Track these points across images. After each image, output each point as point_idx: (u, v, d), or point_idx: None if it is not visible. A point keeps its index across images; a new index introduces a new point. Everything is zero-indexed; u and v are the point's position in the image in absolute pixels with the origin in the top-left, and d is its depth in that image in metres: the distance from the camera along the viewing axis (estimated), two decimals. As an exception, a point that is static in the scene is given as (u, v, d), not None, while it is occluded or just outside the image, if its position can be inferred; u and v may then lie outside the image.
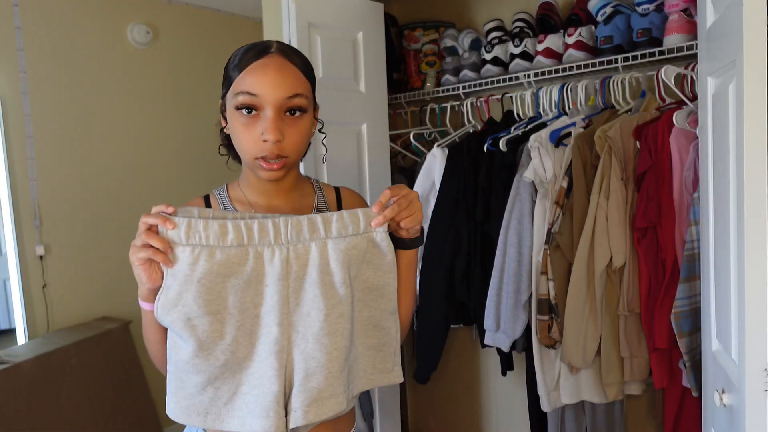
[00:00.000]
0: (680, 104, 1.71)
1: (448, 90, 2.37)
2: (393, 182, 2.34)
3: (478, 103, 2.27)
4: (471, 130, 2.26)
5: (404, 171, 2.52)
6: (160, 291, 0.85)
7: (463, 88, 2.32)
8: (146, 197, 2.88)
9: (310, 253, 0.87)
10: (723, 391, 1.13)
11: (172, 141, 2.98)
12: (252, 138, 0.92)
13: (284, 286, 0.87)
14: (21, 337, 2.51)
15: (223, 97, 0.99)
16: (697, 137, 1.50)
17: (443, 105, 2.37)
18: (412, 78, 2.58)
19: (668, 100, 1.80)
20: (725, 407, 1.13)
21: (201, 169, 3.09)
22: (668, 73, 1.68)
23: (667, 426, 1.72)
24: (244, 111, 0.92)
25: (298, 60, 0.97)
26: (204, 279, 0.84)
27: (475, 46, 2.35)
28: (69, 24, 2.60)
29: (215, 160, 3.48)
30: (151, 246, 0.82)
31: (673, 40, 1.75)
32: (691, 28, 1.72)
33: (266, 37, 2.13)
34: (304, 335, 0.87)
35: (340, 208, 1.10)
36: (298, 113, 0.94)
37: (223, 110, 1.01)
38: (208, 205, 1.04)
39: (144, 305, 0.91)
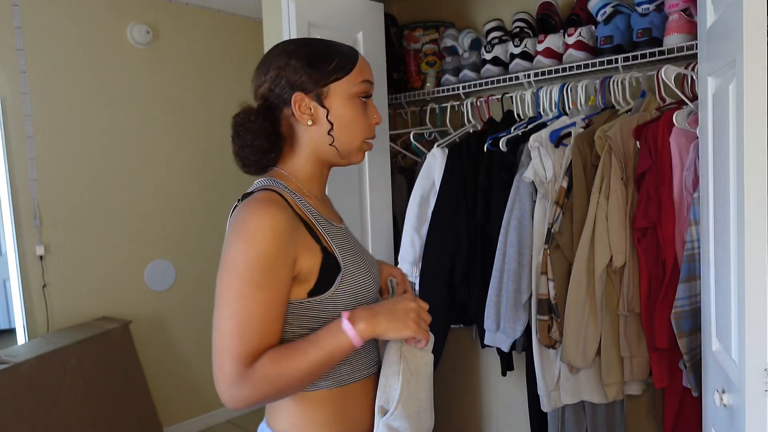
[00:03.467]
0: (680, 104, 1.71)
1: (448, 90, 2.37)
2: (393, 182, 2.34)
3: (478, 103, 2.27)
4: (471, 130, 2.26)
5: (404, 171, 2.52)
6: (400, 384, 0.98)
7: (463, 88, 2.32)
8: (146, 197, 2.88)
9: None
10: (723, 391, 1.13)
11: (171, 140, 2.98)
12: (367, 121, 1.06)
13: None
14: (21, 337, 2.51)
15: (317, 89, 1.01)
16: (697, 137, 1.50)
17: (443, 105, 2.37)
18: (412, 78, 2.57)
19: (668, 100, 1.80)
20: (725, 407, 1.13)
21: (200, 169, 3.09)
22: (668, 73, 1.68)
23: (667, 426, 1.72)
24: (363, 98, 1.05)
25: None
26: (428, 375, 1.02)
27: (475, 46, 2.34)
28: (69, 24, 2.60)
29: (215, 160, 3.47)
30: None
31: (673, 40, 1.74)
32: (691, 28, 1.72)
33: (266, 37, 2.13)
34: None
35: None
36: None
37: (320, 102, 1.02)
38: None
39: (355, 338, 0.94)
